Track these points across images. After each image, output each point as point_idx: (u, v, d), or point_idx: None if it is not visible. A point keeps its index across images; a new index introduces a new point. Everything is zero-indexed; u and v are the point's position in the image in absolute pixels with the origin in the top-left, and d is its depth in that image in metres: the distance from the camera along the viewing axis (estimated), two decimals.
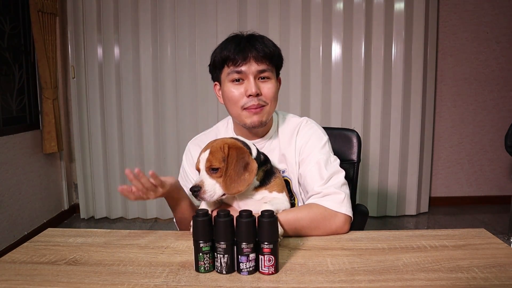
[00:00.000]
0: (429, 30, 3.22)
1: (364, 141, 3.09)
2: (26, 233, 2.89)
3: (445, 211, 3.50)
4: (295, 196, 1.21)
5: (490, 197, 3.60)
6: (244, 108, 1.13)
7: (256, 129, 1.17)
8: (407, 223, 3.30)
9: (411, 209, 3.40)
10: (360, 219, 1.32)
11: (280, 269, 0.84)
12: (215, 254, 0.83)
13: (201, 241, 0.83)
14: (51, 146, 3.07)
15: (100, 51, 3.23)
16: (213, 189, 1.00)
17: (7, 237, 2.70)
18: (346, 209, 1.05)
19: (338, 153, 1.25)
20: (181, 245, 0.99)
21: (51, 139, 3.06)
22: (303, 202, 1.18)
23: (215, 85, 1.21)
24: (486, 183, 3.61)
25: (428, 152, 3.43)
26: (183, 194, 1.13)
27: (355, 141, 1.51)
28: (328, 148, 1.19)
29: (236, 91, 1.12)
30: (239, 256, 0.82)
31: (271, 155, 1.18)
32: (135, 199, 0.99)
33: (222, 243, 0.82)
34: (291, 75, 3.18)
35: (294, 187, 1.20)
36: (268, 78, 1.14)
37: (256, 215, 0.83)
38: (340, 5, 3.14)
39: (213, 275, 0.83)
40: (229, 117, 1.26)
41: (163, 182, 1.01)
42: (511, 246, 0.98)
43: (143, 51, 3.21)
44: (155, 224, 3.36)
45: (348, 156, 1.49)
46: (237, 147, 1.02)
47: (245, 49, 1.10)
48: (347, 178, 1.14)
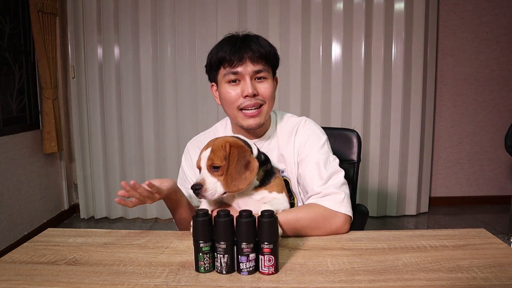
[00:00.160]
0: (429, 30, 3.22)
1: (364, 141, 3.09)
2: (26, 233, 2.89)
3: (445, 211, 3.50)
4: (294, 195, 1.21)
5: (490, 197, 3.60)
6: (240, 108, 1.13)
7: (253, 130, 1.18)
8: (407, 223, 3.30)
9: (411, 209, 3.40)
10: (360, 219, 1.32)
11: (280, 269, 0.84)
12: (215, 254, 0.83)
13: (201, 241, 0.83)
14: (51, 146, 3.07)
15: (100, 51, 3.23)
16: (214, 187, 0.99)
17: (7, 237, 2.70)
18: (346, 209, 1.05)
19: (338, 153, 1.25)
20: (181, 245, 0.99)
21: (51, 139, 3.06)
22: (302, 202, 1.18)
23: (212, 85, 1.22)
24: (486, 183, 3.60)
25: (428, 152, 3.43)
26: (182, 195, 1.13)
27: (355, 141, 1.51)
28: (327, 147, 1.18)
29: (232, 92, 1.13)
30: (239, 256, 0.82)
31: (270, 155, 1.17)
32: (133, 206, 1.02)
33: (222, 243, 0.82)
34: (291, 75, 3.19)
35: (293, 187, 1.20)
36: (264, 78, 1.14)
37: (256, 215, 0.83)
38: (340, 5, 3.14)
39: (213, 275, 0.83)
40: (227, 118, 1.26)
41: (160, 188, 1.02)
42: (511, 246, 0.98)
43: (143, 51, 3.21)
44: (155, 224, 3.36)
45: (348, 156, 1.49)
46: (238, 146, 1.02)
47: (240, 50, 1.10)
48: (347, 178, 1.14)
